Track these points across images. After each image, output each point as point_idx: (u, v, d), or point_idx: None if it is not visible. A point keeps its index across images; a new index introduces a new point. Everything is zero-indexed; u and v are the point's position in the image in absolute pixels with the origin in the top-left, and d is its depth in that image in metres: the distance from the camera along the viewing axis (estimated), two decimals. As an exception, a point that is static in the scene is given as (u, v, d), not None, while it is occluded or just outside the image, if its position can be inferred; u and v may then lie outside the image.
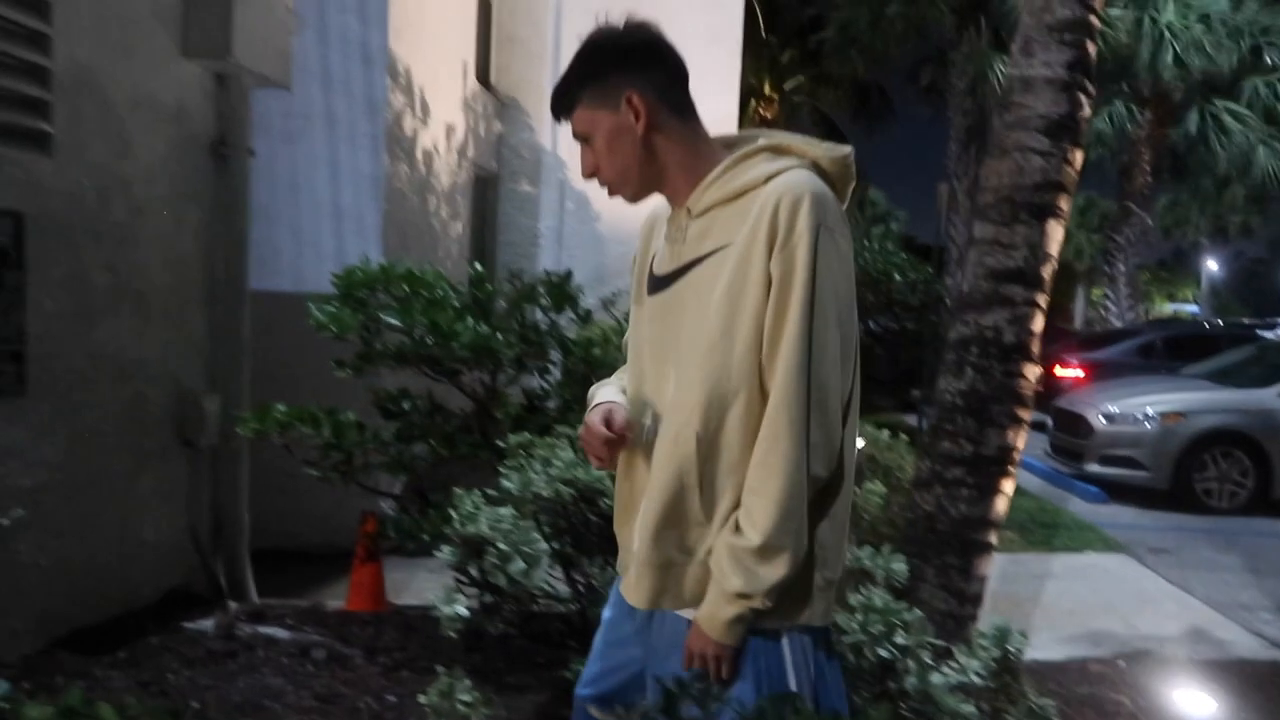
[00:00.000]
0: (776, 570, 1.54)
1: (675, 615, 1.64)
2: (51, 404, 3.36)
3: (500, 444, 3.42)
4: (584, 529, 2.56)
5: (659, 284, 1.69)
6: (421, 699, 2.27)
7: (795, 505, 1.54)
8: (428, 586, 4.69)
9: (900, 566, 2.38)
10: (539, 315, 4.45)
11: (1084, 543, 6.63)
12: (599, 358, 4.65)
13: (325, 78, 5.87)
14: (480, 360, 4.15)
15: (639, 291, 1.76)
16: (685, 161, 1.65)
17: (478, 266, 4.58)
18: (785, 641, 1.61)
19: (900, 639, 1.99)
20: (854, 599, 2.02)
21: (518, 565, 2.21)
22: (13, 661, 3.20)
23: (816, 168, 1.62)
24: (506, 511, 2.32)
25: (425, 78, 6.83)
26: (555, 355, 4.51)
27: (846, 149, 1.66)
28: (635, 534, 1.68)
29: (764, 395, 1.56)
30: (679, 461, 1.59)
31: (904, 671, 2.00)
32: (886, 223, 38.71)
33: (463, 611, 2.21)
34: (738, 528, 1.55)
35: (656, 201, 1.76)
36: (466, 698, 2.20)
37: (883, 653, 1.85)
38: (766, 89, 21.11)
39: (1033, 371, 2.94)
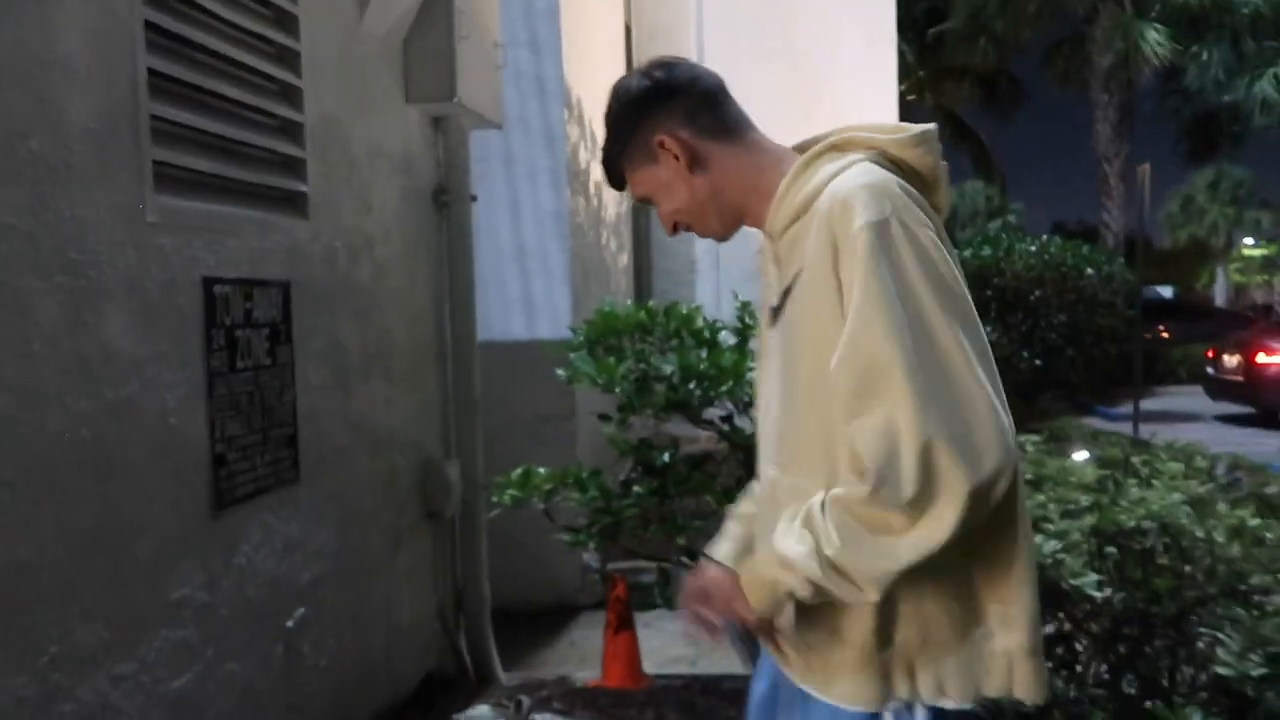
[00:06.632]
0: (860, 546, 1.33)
1: (821, 703, 1.47)
2: (321, 488, 3.07)
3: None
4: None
5: (774, 315, 1.55)
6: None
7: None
8: (668, 647, 4.31)
9: None
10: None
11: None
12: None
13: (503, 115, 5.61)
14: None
15: (763, 327, 1.64)
16: (748, 181, 1.54)
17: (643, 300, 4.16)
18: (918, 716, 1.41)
19: None
20: None
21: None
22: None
23: (885, 155, 1.46)
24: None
25: (591, 108, 6.55)
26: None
27: (914, 128, 1.50)
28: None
29: None
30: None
31: None
32: (1002, 216, 37.30)
33: None
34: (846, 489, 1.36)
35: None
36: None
37: None
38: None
39: None
